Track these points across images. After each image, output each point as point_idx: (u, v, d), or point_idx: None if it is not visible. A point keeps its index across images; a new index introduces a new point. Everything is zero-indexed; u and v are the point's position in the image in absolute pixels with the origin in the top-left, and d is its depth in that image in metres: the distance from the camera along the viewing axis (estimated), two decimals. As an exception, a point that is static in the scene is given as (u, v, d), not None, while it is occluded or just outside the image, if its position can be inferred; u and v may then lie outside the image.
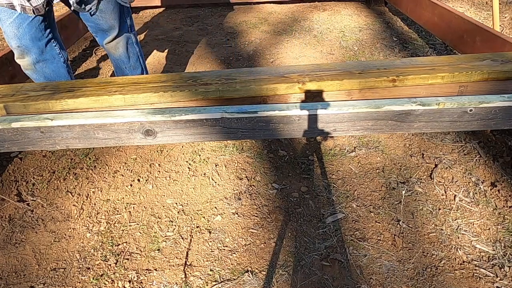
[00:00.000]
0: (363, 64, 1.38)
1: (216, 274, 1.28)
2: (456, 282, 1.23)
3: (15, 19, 1.45)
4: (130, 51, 1.91)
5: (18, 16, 1.45)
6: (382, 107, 1.21)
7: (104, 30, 1.75)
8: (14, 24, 1.46)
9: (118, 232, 1.45)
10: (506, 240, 1.35)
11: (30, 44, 1.54)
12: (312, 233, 1.41)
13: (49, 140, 1.24)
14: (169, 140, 1.26)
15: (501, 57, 1.37)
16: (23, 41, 1.52)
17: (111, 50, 1.86)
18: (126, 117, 1.21)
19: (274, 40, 3.06)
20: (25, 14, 1.45)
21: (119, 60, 1.91)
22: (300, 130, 1.25)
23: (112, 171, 1.75)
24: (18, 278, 1.30)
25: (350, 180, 1.64)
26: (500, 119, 1.25)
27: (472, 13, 3.32)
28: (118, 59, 1.90)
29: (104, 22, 1.71)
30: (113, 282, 1.27)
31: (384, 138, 1.88)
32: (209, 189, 1.63)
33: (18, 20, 1.46)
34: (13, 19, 1.45)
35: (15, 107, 1.23)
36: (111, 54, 1.90)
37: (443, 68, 1.30)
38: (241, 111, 1.21)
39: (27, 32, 1.50)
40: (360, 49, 2.83)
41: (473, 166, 1.67)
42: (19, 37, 1.50)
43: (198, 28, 3.36)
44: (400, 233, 1.40)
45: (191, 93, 1.24)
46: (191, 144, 1.88)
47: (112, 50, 1.86)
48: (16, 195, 1.63)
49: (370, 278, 1.25)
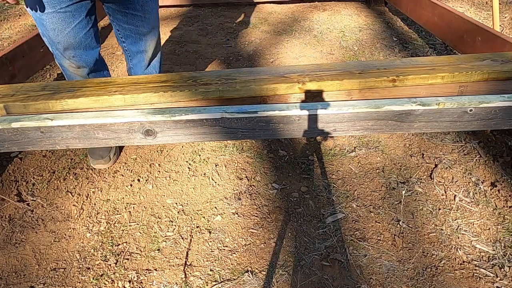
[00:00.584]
0: (363, 64, 1.38)
1: (216, 274, 1.28)
2: (456, 282, 1.23)
3: (73, 29, 1.42)
4: (160, 59, 1.78)
5: (76, 26, 1.42)
6: (382, 107, 1.21)
7: (141, 34, 1.61)
8: (72, 33, 1.43)
9: (118, 232, 1.45)
10: (506, 240, 1.35)
11: (84, 53, 1.52)
12: (312, 233, 1.41)
13: (49, 140, 1.24)
14: (169, 140, 1.26)
15: (501, 57, 1.37)
16: (78, 51, 1.49)
17: (142, 58, 1.70)
18: (126, 117, 1.21)
19: (274, 40, 3.06)
20: (85, 19, 1.42)
21: (153, 66, 1.76)
22: (300, 130, 1.25)
23: (112, 171, 1.75)
24: (18, 278, 1.30)
25: (350, 180, 1.64)
26: (500, 119, 1.25)
27: (472, 13, 3.32)
28: (152, 66, 1.76)
29: (146, 22, 1.58)
30: (113, 282, 1.27)
31: (384, 138, 1.88)
32: (209, 189, 1.63)
33: (76, 30, 1.43)
34: (72, 28, 1.41)
35: (15, 107, 1.23)
36: (140, 62, 1.72)
37: (443, 68, 1.30)
38: (241, 111, 1.21)
39: (83, 42, 1.48)
40: (360, 49, 2.83)
41: (473, 166, 1.67)
42: (74, 47, 1.47)
43: (198, 28, 3.36)
44: (400, 233, 1.40)
45: (191, 93, 1.24)
46: (191, 144, 1.88)
47: (147, 59, 1.71)
48: (16, 195, 1.63)
49: (370, 278, 1.25)
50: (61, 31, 1.40)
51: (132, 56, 1.71)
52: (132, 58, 1.71)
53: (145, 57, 1.71)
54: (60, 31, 1.40)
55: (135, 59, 1.71)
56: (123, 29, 1.60)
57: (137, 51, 1.67)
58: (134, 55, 1.70)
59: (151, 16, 1.58)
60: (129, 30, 1.59)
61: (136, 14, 1.53)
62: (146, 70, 1.75)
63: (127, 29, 1.59)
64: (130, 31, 1.59)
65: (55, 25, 1.38)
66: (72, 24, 1.41)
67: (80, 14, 1.41)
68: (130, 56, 1.71)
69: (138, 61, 1.72)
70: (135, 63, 1.73)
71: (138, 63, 1.73)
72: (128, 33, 1.61)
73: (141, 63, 1.73)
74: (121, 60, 2.79)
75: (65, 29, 1.40)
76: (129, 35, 1.61)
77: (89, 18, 1.46)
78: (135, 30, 1.59)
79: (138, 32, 1.60)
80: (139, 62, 1.72)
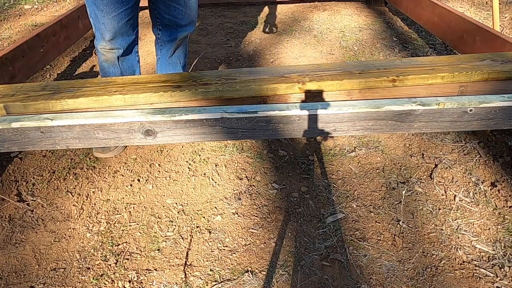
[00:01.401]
0: (363, 64, 1.38)
1: (216, 274, 1.28)
2: (456, 282, 1.23)
3: (119, 14, 1.54)
4: (186, 45, 1.88)
5: (122, 12, 1.54)
6: (382, 107, 1.21)
7: (179, 26, 1.71)
8: (117, 18, 1.55)
9: (118, 232, 1.45)
10: (506, 240, 1.35)
11: (121, 40, 1.63)
12: (312, 233, 1.41)
13: (49, 140, 1.24)
14: (169, 140, 1.26)
15: (501, 57, 1.37)
16: (117, 36, 1.60)
17: (171, 46, 1.78)
18: (126, 117, 1.21)
19: (274, 40, 3.06)
20: (127, 11, 1.55)
21: (176, 56, 1.85)
22: (300, 130, 1.25)
23: (112, 171, 1.75)
24: (18, 278, 1.30)
25: (350, 180, 1.64)
26: (500, 119, 1.25)
27: (472, 13, 3.32)
28: (176, 56, 1.85)
29: (186, 16, 1.68)
30: (113, 282, 1.27)
31: (384, 138, 1.88)
32: (209, 189, 1.63)
33: (120, 16, 1.55)
34: (118, 13, 1.53)
35: (15, 107, 1.23)
36: (168, 51, 1.82)
37: (443, 68, 1.30)
38: (241, 111, 1.21)
39: (123, 28, 1.59)
40: (360, 49, 2.83)
41: (473, 166, 1.67)
42: (115, 32, 1.58)
43: (198, 28, 3.36)
44: (400, 233, 1.40)
45: (191, 93, 1.24)
46: (191, 144, 1.88)
47: (174, 47, 1.80)
48: (16, 195, 1.63)
49: (370, 278, 1.25)
50: (108, 14, 1.52)
51: (163, 46, 1.81)
52: (163, 48, 1.81)
53: (173, 47, 1.80)
54: (108, 13, 1.52)
55: (164, 49, 1.81)
56: (162, 19, 1.70)
57: (168, 40, 1.77)
58: (164, 45, 1.80)
59: (191, 12, 1.68)
60: (168, 20, 1.69)
61: (178, 8, 1.64)
62: (170, 59, 1.85)
63: (166, 19, 1.69)
64: (169, 21, 1.69)
65: (105, 7, 1.51)
66: (119, 10, 1.53)
67: (128, 3, 1.54)
68: (161, 46, 1.81)
69: (167, 50, 1.81)
70: (164, 52, 1.83)
71: (166, 52, 1.82)
72: (166, 23, 1.71)
73: (168, 52, 1.82)
74: (121, 60, 2.79)
75: (112, 12, 1.52)
76: (166, 25, 1.71)
77: (134, 8, 1.60)
78: (174, 21, 1.69)
79: (176, 24, 1.70)
80: (167, 51, 1.82)
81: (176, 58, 1.86)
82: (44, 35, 2.30)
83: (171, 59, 1.84)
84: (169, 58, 1.83)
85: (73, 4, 4.00)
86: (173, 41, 1.77)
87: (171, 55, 1.83)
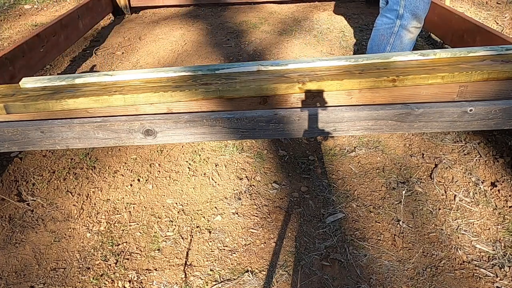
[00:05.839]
0: (363, 64, 1.38)
1: (216, 274, 1.28)
2: (456, 282, 1.23)
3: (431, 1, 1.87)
4: None
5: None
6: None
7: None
8: (429, 3, 1.87)
9: (118, 232, 1.45)
10: (506, 240, 1.35)
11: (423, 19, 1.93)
12: (312, 233, 1.41)
13: (49, 140, 1.24)
14: (169, 140, 1.26)
15: (501, 57, 1.37)
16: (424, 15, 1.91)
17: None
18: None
19: (274, 40, 3.06)
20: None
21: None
22: (300, 130, 1.25)
23: (112, 171, 1.75)
24: (18, 278, 1.30)
25: (350, 180, 1.64)
26: (500, 119, 1.25)
27: (472, 13, 3.32)
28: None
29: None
30: (113, 282, 1.27)
31: (384, 138, 1.88)
32: (209, 189, 1.63)
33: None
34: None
35: (15, 107, 1.23)
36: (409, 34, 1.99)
37: (443, 68, 1.30)
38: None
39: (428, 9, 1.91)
40: (360, 49, 2.83)
41: (473, 166, 1.67)
42: (425, 13, 1.90)
43: (198, 28, 3.36)
44: (400, 233, 1.40)
45: (191, 93, 1.24)
46: (191, 144, 1.88)
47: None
48: (16, 195, 1.63)
49: (370, 278, 1.25)
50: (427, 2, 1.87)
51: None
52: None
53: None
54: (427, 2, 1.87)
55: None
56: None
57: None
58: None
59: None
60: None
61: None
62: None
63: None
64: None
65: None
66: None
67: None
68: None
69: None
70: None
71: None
72: None
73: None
74: (121, 60, 2.79)
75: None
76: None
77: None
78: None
79: None
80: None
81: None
82: (44, 35, 2.30)
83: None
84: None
85: (73, 4, 4.00)
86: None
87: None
